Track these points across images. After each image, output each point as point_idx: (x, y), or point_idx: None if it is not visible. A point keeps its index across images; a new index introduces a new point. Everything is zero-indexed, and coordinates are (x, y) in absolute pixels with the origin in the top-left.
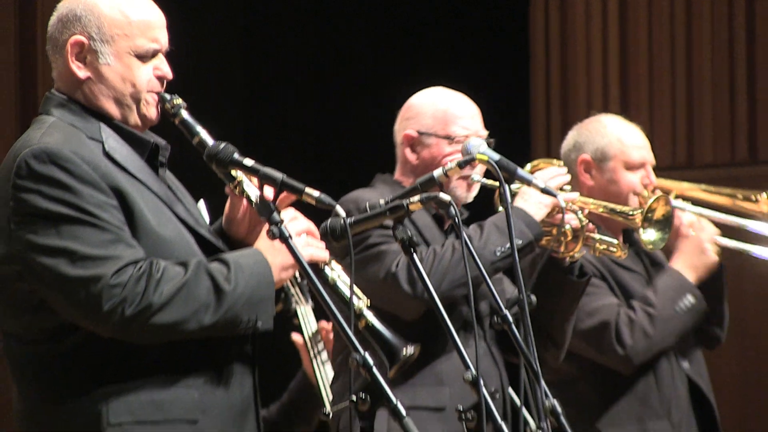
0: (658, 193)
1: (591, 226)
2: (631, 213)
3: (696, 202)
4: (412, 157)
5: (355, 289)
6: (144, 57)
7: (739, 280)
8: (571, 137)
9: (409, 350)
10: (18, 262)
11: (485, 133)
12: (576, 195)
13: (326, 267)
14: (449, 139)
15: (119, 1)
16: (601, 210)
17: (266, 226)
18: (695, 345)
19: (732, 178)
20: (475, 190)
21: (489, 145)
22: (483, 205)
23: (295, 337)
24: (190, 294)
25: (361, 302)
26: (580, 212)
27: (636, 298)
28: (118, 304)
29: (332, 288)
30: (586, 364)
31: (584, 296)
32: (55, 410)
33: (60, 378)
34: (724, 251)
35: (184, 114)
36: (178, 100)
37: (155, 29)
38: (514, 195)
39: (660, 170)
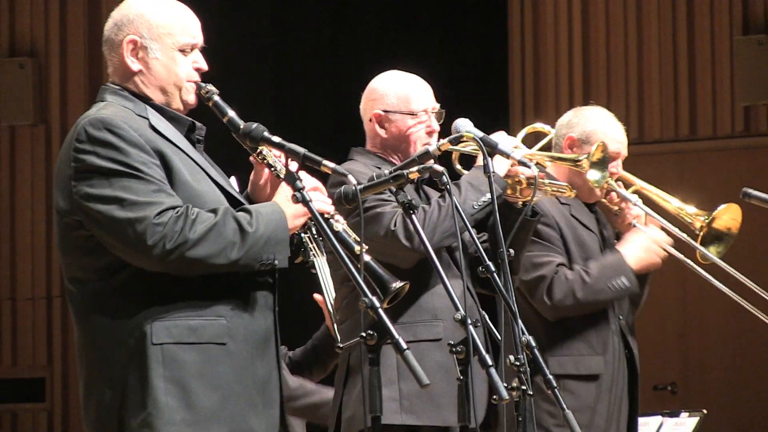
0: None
1: (542, 174)
2: (578, 159)
3: (649, 200)
4: (381, 132)
5: (357, 237)
6: (184, 52)
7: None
8: (567, 116)
9: (398, 284)
10: (78, 212)
11: (437, 105)
12: (530, 150)
13: (332, 220)
14: (412, 114)
15: (164, 7)
16: (549, 160)
17: (285, 188)
18: (629, 303)
19: (675, 152)
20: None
21: (441, 115)
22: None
23: (317, 296)
24: (219, 233)
25: (358, 247)
26: (533, 164)
27: (590, 257)
28: (160, 240)
29: (337, 236)
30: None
31: (536, 247)
32: (109, 335)
33: (112, 308)
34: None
35: (216, 98)
36: (211, 87)
37: (193, 29)
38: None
39: None
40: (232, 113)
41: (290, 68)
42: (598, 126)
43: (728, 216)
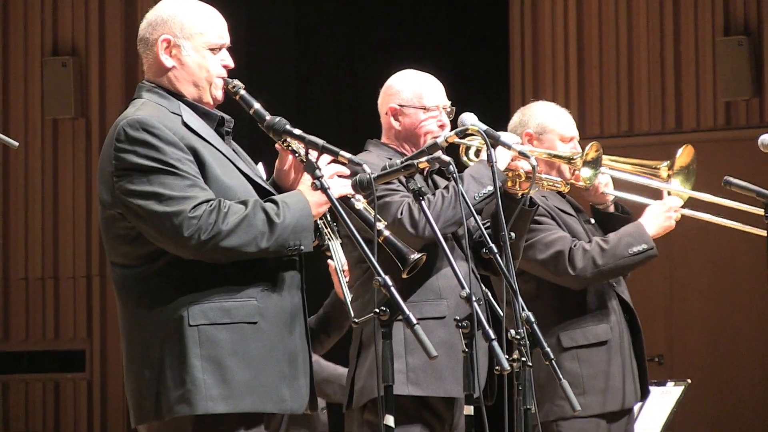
0: (593, 142)
1: (539, 169)
2: (572, 157)
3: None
4: (395, 124)
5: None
6: (214, 50)
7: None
8: (517, 117)
9: (415, 255)
10: (119, 206)
11: (448, 102)
12: (531, 148)
13: (353, 200)
14: (424, 109)
15: (195, 9)
16: (547, 156)
17: (308, 176)
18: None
19: (662, 143)
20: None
21: (452, 113)
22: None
23: (330, 262)
24: (250, 224)
25: (380, 223)
26: (532, 158)
27: (579, 239)
28: (195, 231)
29: (358, 214)
30: (544, 286)
31: (540, 232)
32: (149, 316)
33: (152, 292)
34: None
35: (243, 92)
36: (238, 82)
37: (222, 30)
38: (479, 151)
39: (606, 138)
40: (257, 105)
41: (311, 67)
42: (547, 116)
43: (684, 156)
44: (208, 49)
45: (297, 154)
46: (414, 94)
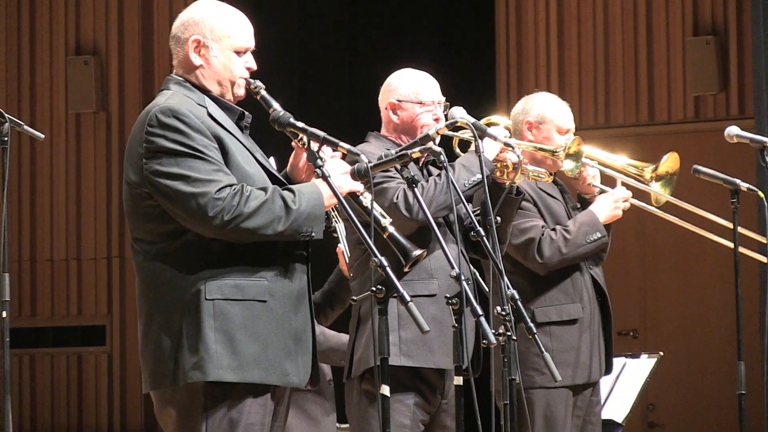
0: (575, 137)
1: (525, 160)
2: (556, 150)
3: (600, 163)
4: (394, 118)
5: (383, 210)
6: (239, 53)
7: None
8: (521, 104)
9: (417, 252)
10: (147, 185)
11: (443, 98)
12: (518, 141)
13: (361, 197)
14: (420, 103)
15: (225, 13)
16: (532, 148)
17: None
18: (596, 256)
19: (636, 134)
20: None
21: (446, 108)
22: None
23: (340, 246)
24: (269, 208)
25: (386, 220)
26: (518, 150)
27: (560, 222)
28: (219, 212)
29: (365, 209)
30: (520, 264)
31: (519, 216)
32: (170, 289)
33: (172, 267)
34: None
35: (263, 92)
36: (259, 83)
37: (248, 34)
38: (468, 143)
39: (585, 129)
40: (276, 105)
41: (313, 66)
42: (548, 107)
43: (669, 162)
44: (234, 52)
45: (320, 172)
46: (411, 90)
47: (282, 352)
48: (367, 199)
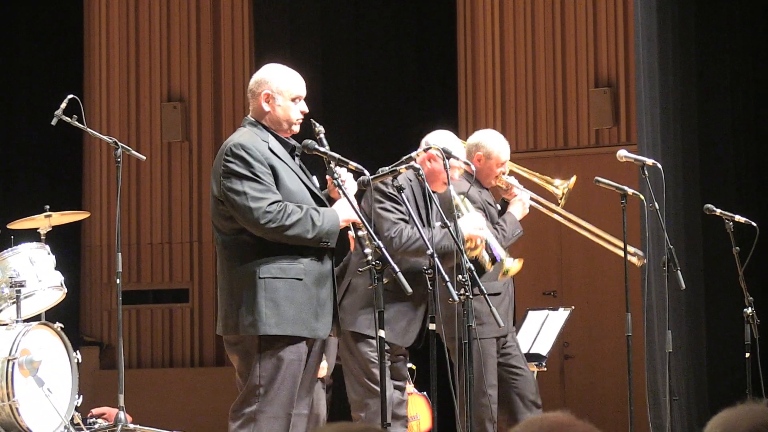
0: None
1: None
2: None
3: (522, 178)
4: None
5: (373, 244)
6: (295, 101)
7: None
8: (473, 140)
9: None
10: (222, 195)
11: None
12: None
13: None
14: (293, 100)
15: (286, 74)
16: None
17: (340, 202)
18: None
19: (555, 156)
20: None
21: (319, 135)
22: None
23: (351, 233)
24: (303, 222)
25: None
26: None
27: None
28: (268, 221)
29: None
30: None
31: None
32: (236, 268)
33: (238, 253)
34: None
35: (322, 135)
36: (320, 128)
37: (301, 87)
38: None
39: (517, 153)
40: (326, 146)
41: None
42: (495, 145)
43: (571, 183)
44: (292, 101)
45: (337, 185)
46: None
47: (311, 315)
48: (360, 231)
